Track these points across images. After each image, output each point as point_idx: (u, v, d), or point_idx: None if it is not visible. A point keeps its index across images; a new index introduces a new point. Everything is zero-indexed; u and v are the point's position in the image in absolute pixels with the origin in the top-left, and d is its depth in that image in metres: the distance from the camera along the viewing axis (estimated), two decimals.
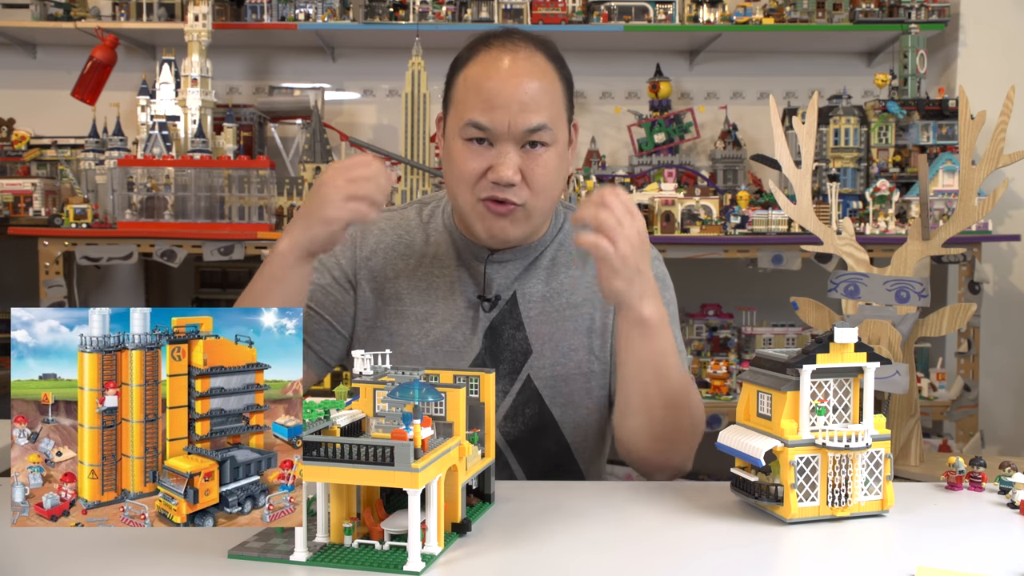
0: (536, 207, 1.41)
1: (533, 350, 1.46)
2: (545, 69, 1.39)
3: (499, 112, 1.35)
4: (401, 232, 1.54)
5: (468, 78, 1.39)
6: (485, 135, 1.37)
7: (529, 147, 1.37)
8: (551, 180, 1.40)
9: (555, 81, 1.41)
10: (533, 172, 1.38)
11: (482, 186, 1.38)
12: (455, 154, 1.40)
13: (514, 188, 1.37)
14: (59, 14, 3.19)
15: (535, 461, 1.48)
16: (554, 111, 1.39)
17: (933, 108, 3.13)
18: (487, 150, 1.38)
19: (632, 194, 3.07)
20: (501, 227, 1.41)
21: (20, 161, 3.18)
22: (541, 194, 1.40)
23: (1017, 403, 3.35)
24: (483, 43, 1.41)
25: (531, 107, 1.36)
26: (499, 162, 1.36)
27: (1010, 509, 1.17)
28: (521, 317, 1.47)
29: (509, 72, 1.36)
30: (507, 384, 1.46)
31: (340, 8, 3.19)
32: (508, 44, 1.39)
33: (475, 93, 1.37)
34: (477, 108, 1.36)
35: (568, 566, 0.98)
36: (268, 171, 2.94)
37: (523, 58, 1.38)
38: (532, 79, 1.37)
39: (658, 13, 3.20)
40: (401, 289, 1.50)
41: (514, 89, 1.35)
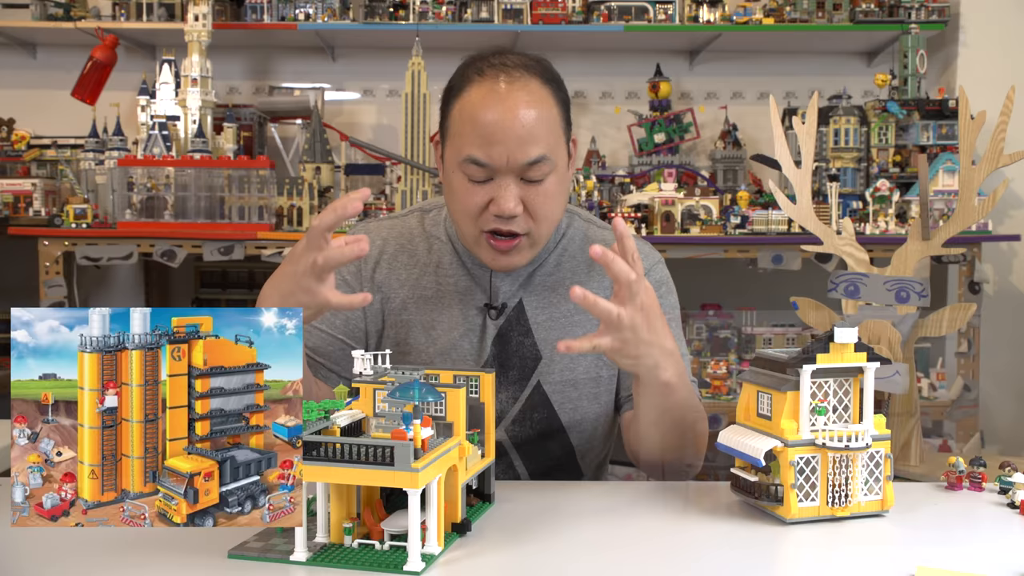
0: (540, 234, 1.41)
1: (543, 356, 1.46)
2: (541, 96, 1.37)
3: (497, 148, 1.33)
4: (404, 241, 1.53)
5: (464, 110, 1.37)
6: (484, 172, 1.36)
7: (528, 178, 1.37)
8: (553, 207, 1.40)
9: (551, 106, 1.39)
10: (534, 202, 1.37)
11: (485, 219, 1.38)
12: (456, 188, 1.40)
13: (516, 219, 1.37)
14: (59, 14, 3.19)
15: (539, 462, 1.49)
16: (552, 138, 1.37)
17: (933, 108, 3.13)
18: (487, 184, 1.37)
19: (632, 194, 3.08)
20: (507, 259, 1.41)
21: (20, 161, 3.18)
22: (544, 221, 1.40)
23: (1017, 403, 3.35)
24: (476, 71, 1.38)
25: (529, 140, 1.34)
26: (500, 195, 1.35)
27: (1010, 509, 1.17)
28: (529, 324, 1.47)
29: (505, 106, 1.34)
30: (517, 390, 1.46)
31: (340, 8, 3.19)
32: (502, 73, 1.36)
33: (471, 127, 1.35)
34: (475, 144, 1.35)
35: (568, 566, 0.98)
36: (268, 171, 2.94)
37: (518, 87, 1.35)
38: (529, 109, 1.35)
39: (658, 13, 3.20)
40: (406, 298, 1.49)
41: (511, 123, 1.33)
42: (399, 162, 3.08)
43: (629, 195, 3.08)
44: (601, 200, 3.11)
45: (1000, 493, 1.22)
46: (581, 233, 1.54)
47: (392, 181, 3.18)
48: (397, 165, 3.15)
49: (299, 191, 2.97)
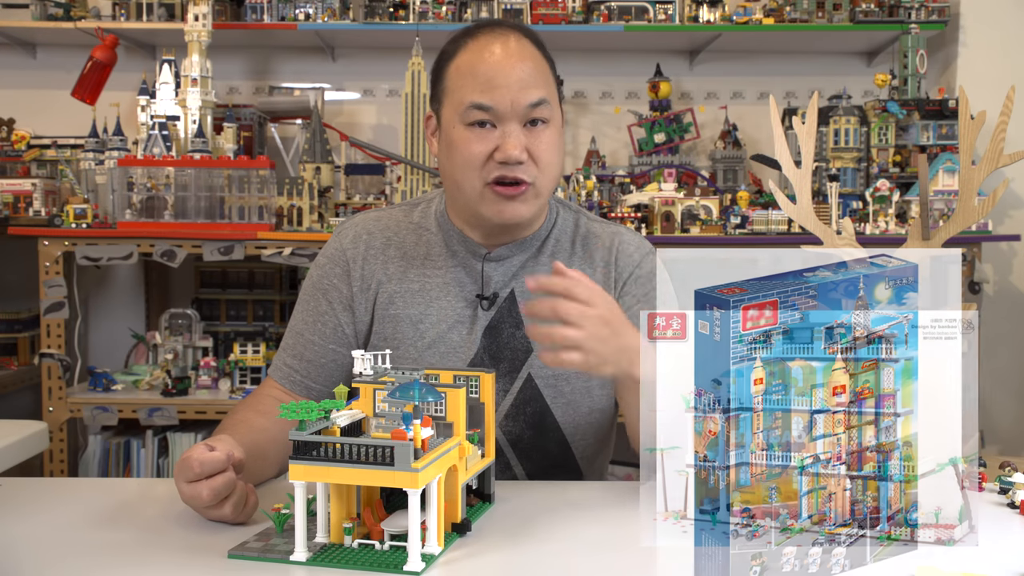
0: (543, 185, 1.43)
1: (534, 348, 1.46)
2: (534, 53, 1.43)
3: (500, 91, 1.37)
4: (389, 234, 1.53)
5: (460, 66, 1.41)
6: (488, 116, 1.38)
7: (531, 125, 1.40)
8: (554, 157, 1.43)
9: (545, 64, 1.44)
10: (538, 149, 1.40)
11: (489, 168, 1.39)
12: (457, 140, 1.41)
13: (522, 166, 1.39)
14: (59, 14, 3.19)
15: (536, 461, 1.48)
16: (549, 90, 1.42)
17: (933, 108, 3.13)
18: (490, 132, 1.39)
19: (632, 194, 3.08)
20: (513, 208, 1.41)
21: (20, 161, 3.18)
22: (546, 170, 1.42)
23: (1017, 403, 3.35)
24: (469, 34, 1.44)
25: (530, 83, 1.38)
26: (505, 141, 1.37)
27: (1010, 509, 1.17)
28: (520, 315, 1.47)
29: (503, 54, 1.39)
30: (508, 383, 1.46)
31: (340, 8, 3.19)
32: (496, 31, 1.43)
33: (472, 77, 1.39)
34: (477, 90, 1.38)
35: (568, 566, 0.98)
36: (268, 171, 2.94)
37: (513, 41, 1.41)
38: (526, 60, 1.40)
39: (658, 13, 3.20)
40: (393, 292, 1.49)
41: (511, 68, 1.38)
42: (399, 162, 3.08)
43: (629, 195, 3.08)
44: (601, 200, 3.11)
45: (1000, 493, 1.23)
46: (572, 224, 1.55)
47: (392, 181, 3.17)
48: (397, 165, 3.15)
49: (299, 191, 2.97)
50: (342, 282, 1.50)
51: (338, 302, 1.50)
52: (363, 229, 1.53)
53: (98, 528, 1.11)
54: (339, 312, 1.50)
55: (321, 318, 1.50)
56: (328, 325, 1.50)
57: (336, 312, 1.50)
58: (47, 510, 1.18)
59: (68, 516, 1.15)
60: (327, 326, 1.50)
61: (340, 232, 1.55)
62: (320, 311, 1.50)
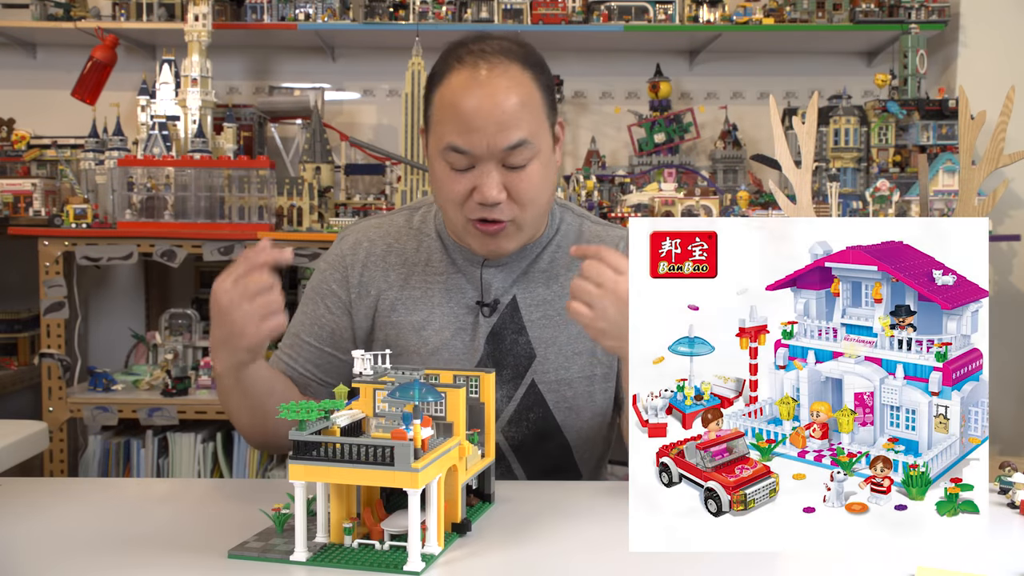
0: (526, 220, 1.40)
1: (537, 355, 1.46)
2: (520, 80, 1.36)
3: (476, 135, 1.33)
4: (391, 240, 1.52)
5: (444, 98, 1.37)
6: (465, 159, 1.35)
7: (510, 164, 1.36)
8: (537, 192, 1.38)
9: (532, 91, 1.37)
10: (518, 188, 1.36)
11: (469, 207, 1.37)
12: (439, 176, 1.39)
13: (500, 206, 1.36)
14: (59, 14, 3.19)
15: (537, 464, 1.48)
16: (534, 123, 1.36)
17: (933, 108, 3.13)
18: (469, 172, 1.36)
19: (632, 194, 3.08)
20: (496, 244, 1.41)
21: (20, 161, 3.18)
22: (529, 206, 1.38)
23: (1017, 403, 3.35)
24: (455, 58, 1.37)
25: (509, 124, 1.33)
26: (482, 183, 1.34)
27: (1010, 509, 1.17)
28: (523, 321, 1.46)
29: (484, 92, 1.33)
30: (511, 389, 1.46)
31: (340, 8, 3.19)
32: (481, 59, 1.35)
33: (451, 115, 1.35)
34: (454, 131, 1.34)
35: (568, 566, 0.98)
36: (268, 171, 2.94)
37: (498, 73, 1.34)
38: (508, 95, 1.33)
39: (658, 13, 3.20)
40: (395, 299, 1.49)
41: (490, 109, 1.32)
42: (399, 162, 3.08)
43: (629, 195, 3.08)
44: (601, 200, 3.11)
45: (1000, 493, 1.22)
46: (575, 229, 1.53)
47: (392, 181, 3.17)
48: (397, 165, 3.15)
49: (299, 191, 2.97)
50: (340, 287, 1.51)
51: (336, 307, 1.50)
52: (364, 236, 1.53)
53: (98, 528, 1.10)
54: (337, 316, 1.50)
55: (318, 321, 1.50)
56: (325, 329, 1.50)
57: (335, 316, 1.50)
58: (47, 510, 1.18)
59: (68, 516, 1.15)
60: (324, 330, 1.50)
61: (342, 238, 1.55)
62: (317, 315, 1.51)
